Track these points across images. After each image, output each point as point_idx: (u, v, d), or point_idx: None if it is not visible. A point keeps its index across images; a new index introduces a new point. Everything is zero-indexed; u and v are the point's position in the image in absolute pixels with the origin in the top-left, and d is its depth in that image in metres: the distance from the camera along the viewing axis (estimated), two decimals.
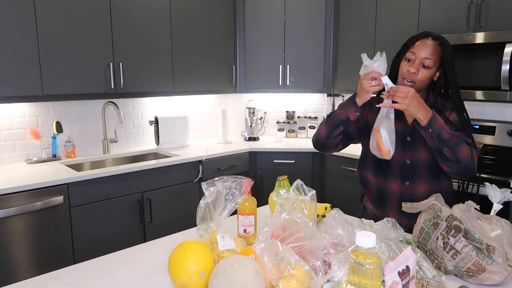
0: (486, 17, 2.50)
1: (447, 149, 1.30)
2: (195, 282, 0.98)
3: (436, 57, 1.38)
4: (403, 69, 1.42)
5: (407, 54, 1.41)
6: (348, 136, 1.57)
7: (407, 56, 1.41)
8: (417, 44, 1.40)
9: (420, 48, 1.38)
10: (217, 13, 3.32)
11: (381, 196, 1.56)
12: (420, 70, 1.39)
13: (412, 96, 1.27)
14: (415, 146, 1.46)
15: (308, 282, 0.90)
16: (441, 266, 1.13)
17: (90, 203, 2.44)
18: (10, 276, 2.16)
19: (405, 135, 1.48)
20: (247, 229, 1.28)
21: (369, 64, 1.33)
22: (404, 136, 1.48)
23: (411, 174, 1.48)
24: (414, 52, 1.39)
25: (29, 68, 2.39)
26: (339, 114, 1.43)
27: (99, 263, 1.22)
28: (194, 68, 3.23)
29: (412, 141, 1.47)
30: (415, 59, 1.39)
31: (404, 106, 1.27)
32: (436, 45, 1.39)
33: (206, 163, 3.01)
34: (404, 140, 1.48)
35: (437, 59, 1.39)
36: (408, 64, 1.40)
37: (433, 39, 1.40)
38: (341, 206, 1.49)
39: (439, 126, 1.28)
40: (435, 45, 1.38)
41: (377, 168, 1.54)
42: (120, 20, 2.74)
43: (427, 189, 1.47)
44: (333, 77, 3.53)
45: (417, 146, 1.46)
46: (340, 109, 1.43)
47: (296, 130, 3.90)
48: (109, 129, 3.11)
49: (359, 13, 3.27)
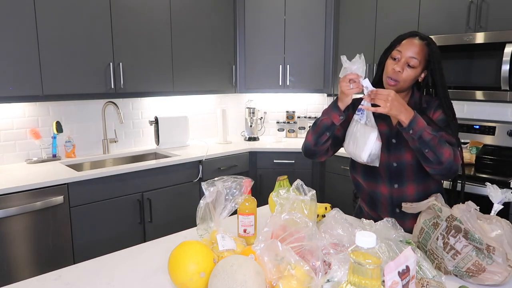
0: (486, 17, 2.50)
1: (428, 150, 1.28)
2: (195, 282, 0.98)
3: (422, 57, 1.37)
4: (388, 67, 1.41)
5: (393, 52, 1.40)
6: (337, 140, 1.55)
7: (393, 54, 1.40)
8: (404, 43, 1.38)
9: (406, 47, 1.37)
10: (217, 13, 3.32)
11: (373, 198, 1.56)
12: (405, 69, 1.37)
13: (393, 98, 1.26)
14: (400, 148, 1.45)
15: (308, 282, 0.90)
16: (441, 266, 1.13)
17: (90, 203, 2.44)
18: (10, 276, 2.16)
19: (390, 137, 1.47)
20: (247, 229, 1.28)
21: (348, 66, 1.32)
22: (389, 138, 1.47)
23: (399, 177, 1.47)
24: (400, 50, 1.38)
25: (29, 68, 2.39)
26: (323, 120, 1.41)
27: (99, 263, 1.22)
28: (194, 68, 3.23)
29: (397, 143, 1.46)
30: (400, 57, 1.38)
31: (387, 109, 1.26)
32: (423, 45, 1.37)
33: (206, 163, 3.01)
34: (389, 143, 1.47)
35: (422, 59, 1.37)
36: (393, 63, 1.39)
37: (420, 38, 1.38)
38: (341, 206, 1.49)
39: (420, 128, 1.27)
40: (421, 45, 1.37)
41: (366, 171, 1.53)
42: (120, 20, 2.74)
43: (416, 191, 1.46)
44: (333, 77, 3.53)
45: (402, 148, 1.44)
46: (324, 115, 1.42)
47: (296, 130, 3.90)
48: (109, 129, 3.11)
49: (359, 13, 3.27)
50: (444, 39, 2.62)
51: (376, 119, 1.42)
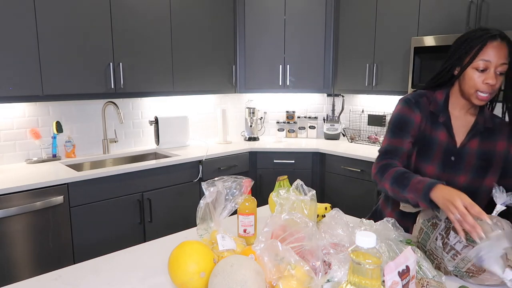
0: (486, 17, 2.50)
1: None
2: (195, 282, 0.98)
3: (508, 59, 1.22)
4: (474, 80, 1.23)
5: (478, 63, 1.22)
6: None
7: (479, 65, 1.22)
8: (488, 50, 1.21)
9: (493, 53, 1.20)
10: (217, 13, 3.32)
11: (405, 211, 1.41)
12: (497, 79, 1.22)
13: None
14: (457, 170, 1.32)
15: (308, 282, 0.90)
16: (441, 266, 1.13)
17: (90, 203, 2.44)
18: (10, 276, 2.16)
19: (450, 153, 1.33)
20: (247, 229, 1.28)
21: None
22: (449, 154, 1.33)
23: None
24: (487, 60, 1.20)
25: (29, 68, 2.39)
26: (408, 198, 1.21)
27: (99, 263, 1.22)
28: (194, 68, 3.23)
29: (455, 162, 1.32)
30: (489, 67, 1.21)
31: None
32: (505, 45, 1.22)
33: (206, 163, 3.01)
34: (447, 159, 1.33)
35: (508, 61, 1.22)
36: (481, 75, 1.22)
37: (501, 39, 1.21)
38: (341, 206, 1.49)
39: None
40: (505, 46, 1.21)
41: None
42: (120, 20, 2.74)
43: None
44: (333, 77, 3.53)
45: (459, 169, 1.32)
46: (411, 193, 1.19)
47: (296, 130, 3.90)
48: (109, 129, 3.11)
49: (359, 13, 3.27)
50: (444, 39, 2.62)
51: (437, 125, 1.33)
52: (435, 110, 1.34)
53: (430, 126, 1.34)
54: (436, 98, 1.36)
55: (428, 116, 1.35)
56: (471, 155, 1.32)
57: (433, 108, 1.35)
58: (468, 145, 1.32)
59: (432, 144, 1.33)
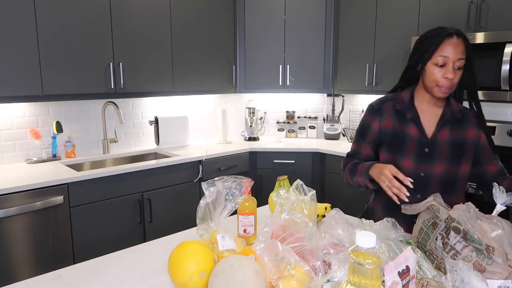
0: (486, 17, 2.50)
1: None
2: (195, 282, 0.98)
3: (465, 55, 1.31)
4: (434, 75, 1.33)
5: (437, 59, 1.31)
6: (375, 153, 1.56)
7: (438, 61, 1.31)
8: (445, 46, 1.29)
9: (450, 50, 1.29)
10: (217, 13, 3.32)
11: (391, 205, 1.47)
12: (455, 73, 1.31)
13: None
14: (432, 160, 1.39)
15: (308, 282, 0.90)
16: (441, 266, 1.13)
17: (90, 203, 2.44)
18: (10, 276, 2.16)
19: (424, 145, 1.41)
20: (247, 229, 1.27)
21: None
22: (422, 146, 1.41)
23: (424, 187, 1.41)
24: (445, 56, 1.29)
25: (29, 68, 2.39)
26: (359, 182, 1.46)
27: (99, 263, 1.21)
28: (194, 68, 3.23)
29: (429, 153, 1.40)
30: (448, 62, 1.30)
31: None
32: (462, 42, 1.31)
33: (206, 163, 3.01)
34: (421, 151, 1.41)
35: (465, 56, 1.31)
36: (440, 70, 1.31)
37: (457, 36, 1.30)
38: (341, 206, 1.48)
39: None
40: (462, 42, 1.30)
41: None
42: (120, 20, 2.74)
43: None
44: (333, 77, 3.53)
45: (434, 159, 1.39)
46: (359, 176, 1.44)
47: (296, 130, 3.90)
48: (109, 129, 3.11)
49: (359, 13, 3.27)
50: None
51: (406, 122, 1.43)
52: (402, 108, 1.44)
53: (399, 123, 1.44)
54: (402, 98, 1.47)
55: (395, 116, 1.45)
56: (443, 144, 1.40)
57: (400, 107, 1.45)
58: (439, 135, 1.40)
59: (404, 140, 1.43)
